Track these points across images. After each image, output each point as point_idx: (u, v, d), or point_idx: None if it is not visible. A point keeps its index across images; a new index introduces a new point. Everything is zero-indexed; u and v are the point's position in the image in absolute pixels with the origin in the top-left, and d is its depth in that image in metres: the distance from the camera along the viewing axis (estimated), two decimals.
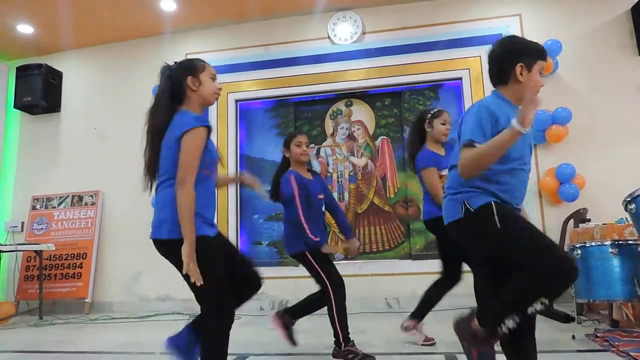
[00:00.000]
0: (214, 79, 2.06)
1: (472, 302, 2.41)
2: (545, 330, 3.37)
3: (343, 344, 2.73)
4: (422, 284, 4.84)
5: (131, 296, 5.51)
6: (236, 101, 5.61)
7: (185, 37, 5.90)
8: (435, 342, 3.10)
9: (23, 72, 5.91)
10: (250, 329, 4.05)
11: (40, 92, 5.82)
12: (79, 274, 5.52)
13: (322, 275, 2.80)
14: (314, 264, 2.82)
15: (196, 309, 1.91)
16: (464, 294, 3.13)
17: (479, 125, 1.67)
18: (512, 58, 1.76)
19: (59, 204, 5.86)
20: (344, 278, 2.91)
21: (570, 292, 3.30)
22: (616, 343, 2.72)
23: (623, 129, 4.75)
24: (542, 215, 4.81)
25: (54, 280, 5.53)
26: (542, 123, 4.68)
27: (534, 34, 4.97)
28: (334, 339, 2.76)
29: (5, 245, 5.05)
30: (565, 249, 3.81)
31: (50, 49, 6.15)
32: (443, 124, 3.03)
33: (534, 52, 1.78)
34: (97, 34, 5.91)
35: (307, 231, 2.75)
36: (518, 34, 5.06)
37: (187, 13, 5.50)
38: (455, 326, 1.79)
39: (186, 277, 1.83)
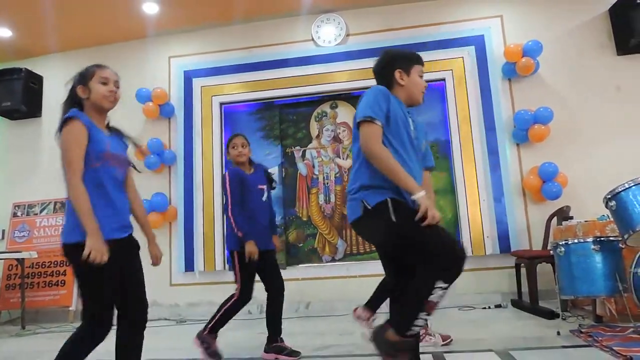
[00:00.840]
0: (105, 82, 2.05)
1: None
2: (531, 327, 3.41)
3: (209, 334, 2.94)
4: None
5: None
6: (220, 104, 5.58)
7: (169, 40, 5.85)
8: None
9: (2, 77, 5.79)
10: (240, 332, 4.02)
11: (20, 97, 5.72)
12: (62, 282, 5.43)
13: (238, 279, 2.97)
14: (237, 265, 2.98)
15: (183, 314, 1.90)
16: None
17: (376, 103, 1.82)
18: (390, 66, 1.97)
19: (41, 211, 5.76)
20: (332, 280, 3.01)
21: (555, 289, 3.35)
22: (600, 338, 2.76)
23: (604, 127, 4.84)
24: (526, 213, 4.87)
25: (36, 288, 5.42)
26: (524, 122, 4.75)
27: (515, 35, 5.06)
28: (203, 331, 2.94)
29: None
30: (549, 246, 3.87)
31: (30, 52, 6.04)
32: None
33: (409, 58, 2.00)
34: (78, 38, 5.83)
35: (233, 224, 2.94)
36: (499, 35, 5.13)
37: (170, 16, 5.45)
38: (373, 340, 1.79)
39: (79, 282, 1.83)
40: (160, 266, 2.28)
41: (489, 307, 4.42)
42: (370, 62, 5.37)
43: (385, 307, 3.11)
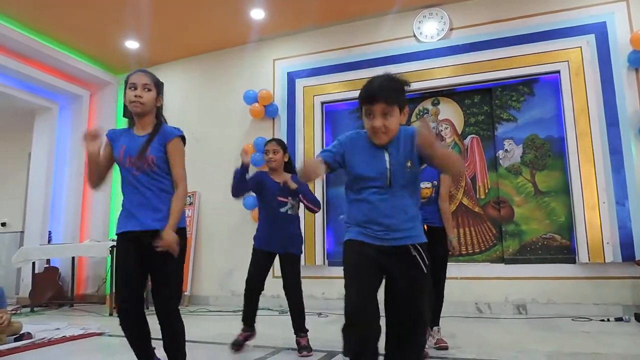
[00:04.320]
0: (133, 87, 2.08)
1: None
2: None
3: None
4: (516, 290, 4.64)
5: (224, 291, 5.83)
6: (322, 103, 5.72)
7: (272, 43, 6.13)
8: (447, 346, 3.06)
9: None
10: (338, 327, 4.10)
11: None
12: None
13: None
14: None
15: (284, 305, 2.00)
16: None
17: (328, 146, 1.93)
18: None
19: None
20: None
21: None
22: None
23: None
24: None
25: None
26: None
27: None
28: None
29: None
30: None
31: (152, 61, 6.69)
32: None
33: (360, 98, 1.85)
34: (193, 46, 6.34)
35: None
36: (625, 20, 4.63)
37: (274, 20, 5.71)
38: None
39: None
40: None
41: (608, 320, 4.03)
42: (475, 56, 5.21)
43: None
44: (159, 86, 2.17)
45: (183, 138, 2.18)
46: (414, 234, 1.77)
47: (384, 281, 1.78)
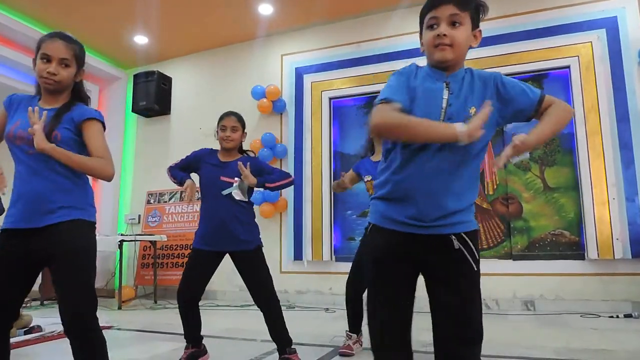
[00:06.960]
0: (47, 59, 1.66)
1: None
2: None
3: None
4: (524, 286, 4.62)
5: (231, 286, 5.85)
6: (330, 99, 5.71)
7: (280, 39, 6.12)
8: None
9: (139, 79, 6.53)
10: (345, 323, 4.11)
11: (153, 97, 6.39)
12: None
13: None
14: None
15: (291, 300, 1.99)
16: None
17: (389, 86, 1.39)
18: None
19: (170, 199, 6.41)
20: None
21: None
22: None
23: None
24: None
25: (166, 268, 6.06)
26: None
27: None
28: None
29: (127, 235, 5.64)
30: None
31: (161, 56, 6.73)
32: None
33: (422, 10, 1.41)
34: (201, 41, 6.35)
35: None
36: (636, 16, 4.58)
37: (283, 16, 5.70)
38: None
39: None
40: (271, 253, 2.38)
41: (617, 316, 4.01)
42: (484, 51, 5.18)
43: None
44: (81, 58, 1.78)
45: (103, 125, 1.77)
46: (463, 219, 1.34)
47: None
